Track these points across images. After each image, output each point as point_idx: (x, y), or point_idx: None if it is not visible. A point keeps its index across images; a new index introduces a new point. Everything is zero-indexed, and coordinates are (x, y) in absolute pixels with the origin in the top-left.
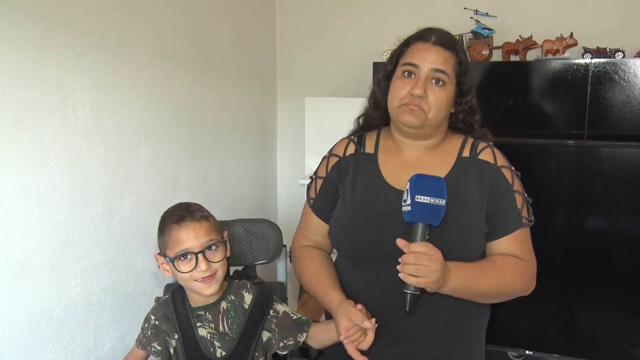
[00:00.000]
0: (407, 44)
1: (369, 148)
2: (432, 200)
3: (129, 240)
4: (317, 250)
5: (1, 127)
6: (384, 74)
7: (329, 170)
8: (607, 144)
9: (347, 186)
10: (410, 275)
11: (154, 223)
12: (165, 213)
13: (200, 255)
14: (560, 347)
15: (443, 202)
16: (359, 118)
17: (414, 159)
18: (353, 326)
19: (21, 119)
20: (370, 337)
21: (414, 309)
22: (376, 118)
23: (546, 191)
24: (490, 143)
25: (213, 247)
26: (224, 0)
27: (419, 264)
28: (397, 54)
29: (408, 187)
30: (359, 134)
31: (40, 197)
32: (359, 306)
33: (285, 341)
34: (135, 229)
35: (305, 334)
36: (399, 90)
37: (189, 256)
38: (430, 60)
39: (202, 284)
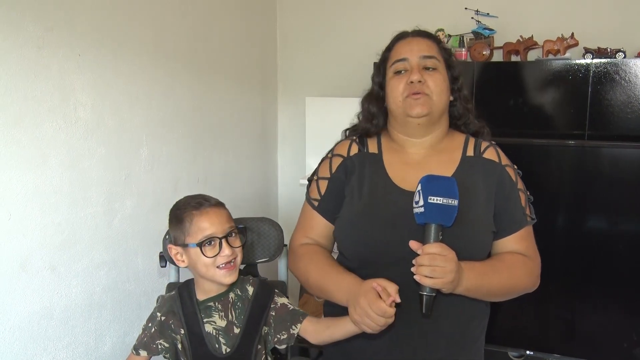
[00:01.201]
0: (388, 48)
1: (372, 149)
2: (444, 200)
3: (130, 240)
4: (318, 246)
5: (2, 127)
6: (374, 84)
7: (334, 170)
8: (608, 144)
9: (353, 186)
10: (426, 276)
11: (154, 223)
12: (177, 204)
13: (224, 241)
14: (560, 347)
15: (455, 202)
16: (346, 130)
17: (419, 157)
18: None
19: (22, 119)
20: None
21: (431, 311)
22: (374, 127)
23: (547, 191)
24: (493, 142)
25: (233, 234)
26: (225, 0)
27: (434, 265)
28: (382, 62)
29: (419, 188)
30: (359, 136)
31: (41, 197)
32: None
33: (279, 335)
34: (136, 228)
35: (299, 325)
36: (397, 87)
37: (213, 242)
38: (416, 49)
39: (224, 271)
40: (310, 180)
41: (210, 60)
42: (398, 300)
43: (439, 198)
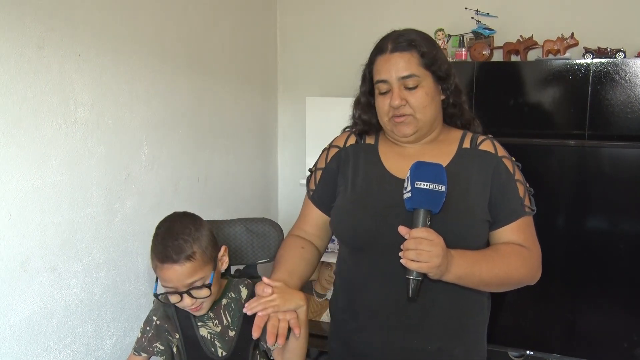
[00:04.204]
0: (371, 62)
1: (370, 140)
2: (432, 186)
3: (130, 240)
4: (298, 239)
5: (2, 127)
6: (362, 94)
7: (328, 160)
8: (608, 144)
9: (347, 176)
10: (412, 260)
11: (154, 223)
12: (157, 231)
13: (184, 294)
14: (561, 347)
15: (443, 188)
16: (346, 128)
17: (415, 151)
18: (256, 299)
19: (22, 119)
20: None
21: (417, 295)
22: (371, 130)
23: (547, 191)
24: (490, 135)
25: (199, 284)
26: (225, 0)
27: (420, 249)
28: (368, 73)
29: (408, 174)
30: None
31: (41, 197)
32: (264, 279)
33: (262, 343)
34: (136, 228)
35: None
36: (382, 107)
37: (174, 293)
38: (393, 70)
39: (190, 309)
40: (310, 170)
41: (210, 60)
42: (267, 291)
43: (426, 183)
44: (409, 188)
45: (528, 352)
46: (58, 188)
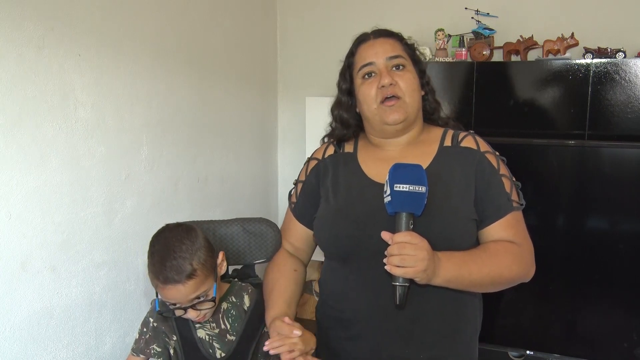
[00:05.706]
0: (351, 53)
1: (348, 148)
2: (411, 187)
3: (130, 240)
4: (289, 260)
5: (2, 127)
6: (341, 92)
7: (308, 173)
8: (608, 144)
9: (328, 187)
10: (397, 266)
11: (154, 223)
12: (152, 249)
13: (189, 308)
14: (560, 347)
15: (423, 189)
16: (324, 137)
17: (395, 153)
18: (279, 338)
19: (22, 119)
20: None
21: (404, 302)
22: (350, 133)
23: (547, 191)
24: (471, 131)
25: (202, 297)
26: (225, 0)
27: (404, 254)
28: (347, 68)
29: (387, 178)
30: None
31: (41, 197)
32: (286, 319)
33: (260, 355)
34: (136, 228)
35: None
36: (369, 92)
37: (178, 309)
38: (380, 51)
39: (193, 319)
40: (294, 183)
41: (210, 60)
42: (298, 334)
43: (405, 185)
44: (388, 192)
45: (528, 352)
46: (58, 188)
